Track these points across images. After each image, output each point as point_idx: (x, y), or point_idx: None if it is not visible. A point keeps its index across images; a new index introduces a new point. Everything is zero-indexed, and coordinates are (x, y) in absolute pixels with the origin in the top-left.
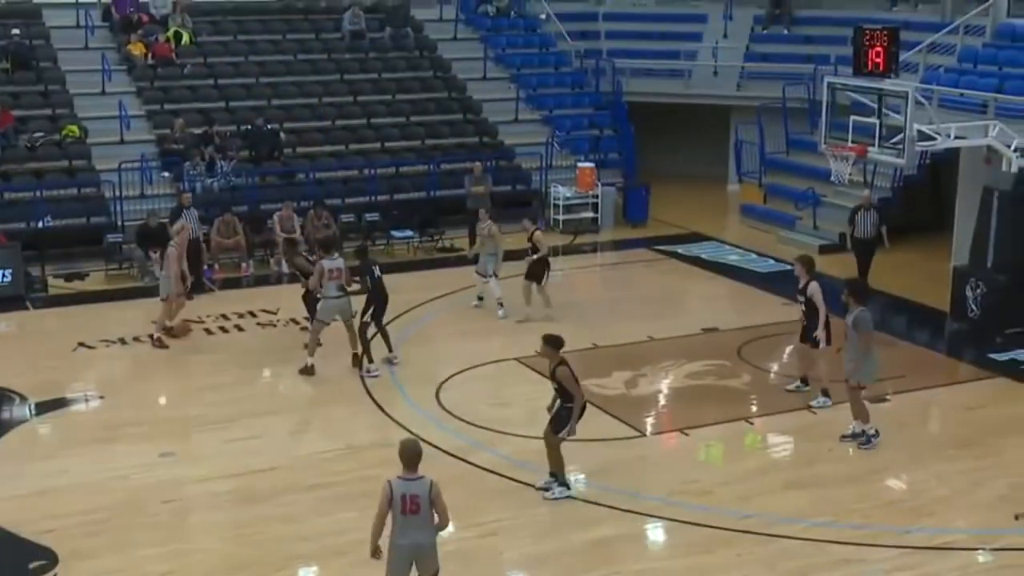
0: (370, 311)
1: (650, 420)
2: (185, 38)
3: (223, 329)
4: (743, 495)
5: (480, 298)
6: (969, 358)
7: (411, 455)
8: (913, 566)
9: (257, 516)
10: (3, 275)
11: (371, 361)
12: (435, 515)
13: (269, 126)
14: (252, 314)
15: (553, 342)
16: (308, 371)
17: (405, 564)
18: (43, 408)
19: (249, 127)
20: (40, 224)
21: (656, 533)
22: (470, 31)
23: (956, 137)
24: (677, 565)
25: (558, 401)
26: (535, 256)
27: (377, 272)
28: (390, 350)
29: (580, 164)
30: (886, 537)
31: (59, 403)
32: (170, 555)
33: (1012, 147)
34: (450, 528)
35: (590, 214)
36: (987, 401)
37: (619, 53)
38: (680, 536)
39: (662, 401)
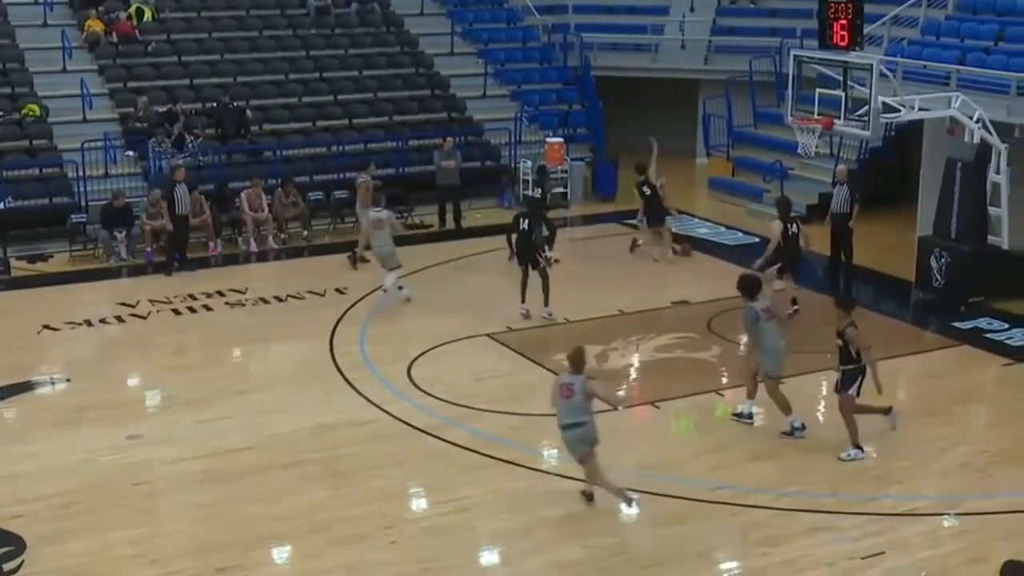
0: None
1: (621, 393)
2: (147, 15)
3: (191, 309)
4: (714, 466)
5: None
6: (934, 327)
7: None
8: (881, 532)
9: (228, 496)
10: None
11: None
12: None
13: (235, 103)
14: (220, 294)
15: (845, 304)
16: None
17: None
18: (8, 392)
19: (214, 105)
20: (1, 205)
21: (628, 506)
22: (437, 6)
23: (920, 109)
24: (649, 537)
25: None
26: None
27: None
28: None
29: (549, 139)
30: (854, 505)
31: (25, 386)
32: (140, 537)
33: (974, 118)
34: (423, 504)
35: (559, 189)
36: (951, 369)
37: (587, 27)
38: (652, 508)
39: (633, 374)
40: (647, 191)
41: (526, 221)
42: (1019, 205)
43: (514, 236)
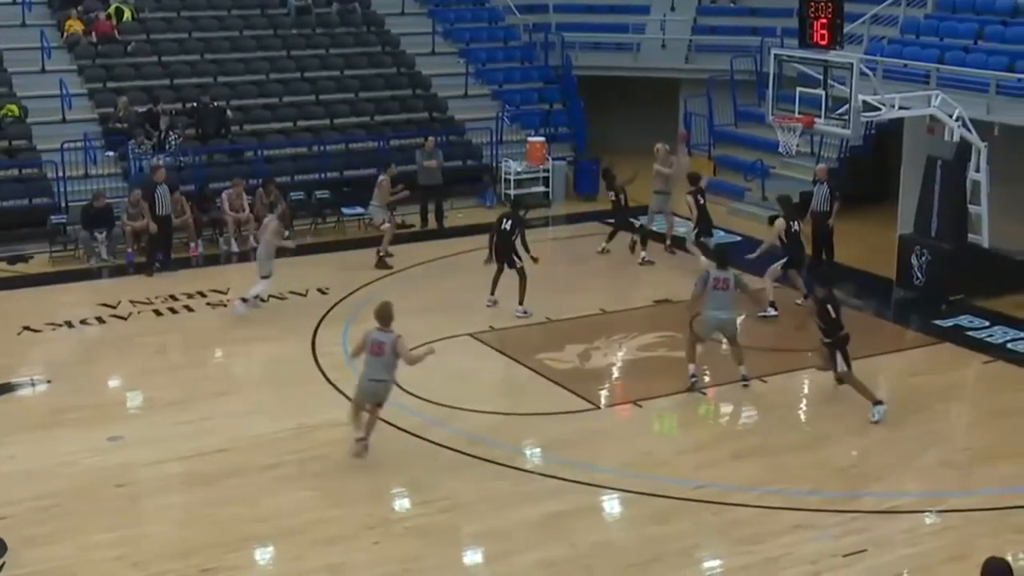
0: None
1: (604, 393)
2: (127, 15)
3: (172, 310)
4: (697, 465)
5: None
6: (915, 325)
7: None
8: (863, 530)
9: (210, 498)
10: None
11: None
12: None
13: (215, 103)
14: (202, 294)
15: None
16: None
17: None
18: None
19: (195, 105)
20: None
21: (612, 505)
22: (418, 5)
23: (900, 107)
24: (633, 536)
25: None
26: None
27: None
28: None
29: (530, 138)
30: (836, 503)
31: (4, 388)
32: (122, 540)
33: (954, 116)
34: (407, 504)
35: (541, 188)
36: (932, 367)
37: (568, 27)
38: (635, 507)
39: (615, 373)
40: (701, 201)
41: (508, 222)
42: (999, 203)
43: (495, 236)
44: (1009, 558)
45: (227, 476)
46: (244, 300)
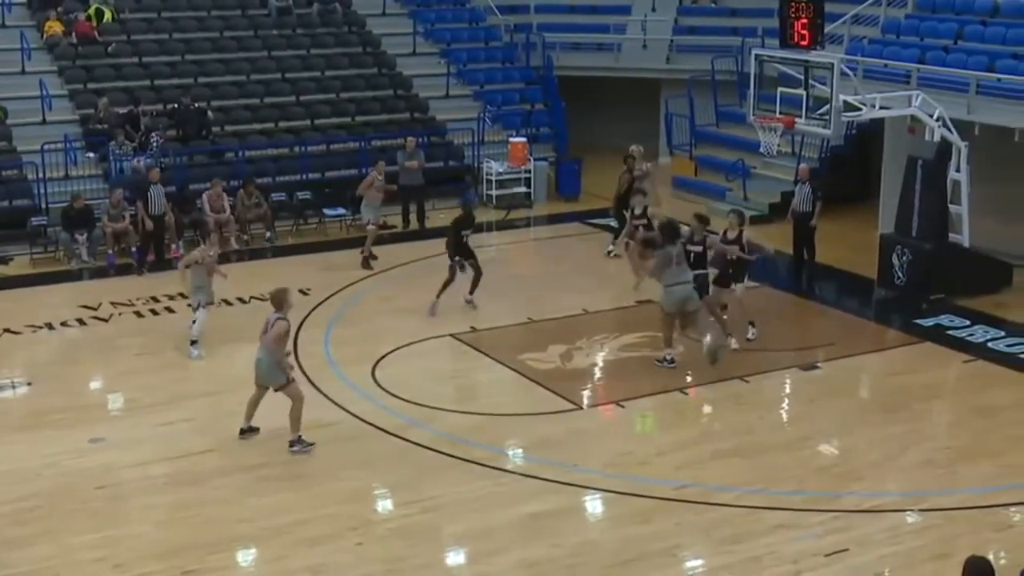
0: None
1: (586, 393)
2: (107, 15)
3: (153, 312)
4: (679, 465)
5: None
6: (896, 324)
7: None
8: (845, 529)
9: (193, 499)
10: None
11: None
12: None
13: (196, 104)
14: (183, 296)
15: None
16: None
17: None
18: None
19: (176, 106)
20: None
21: (594, 505)
22: (399, 6)
23: (881, 107)
24: (615, 536)
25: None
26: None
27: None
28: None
29: (512, 139)
30: (818, 502)
31: None
32: (104, 541)
33: (934, 116)
34: (389, 505)
35: (523, 189)
36: (913, 366)
37: (549, 27)
38: (618, 507)
39: (598, 374)
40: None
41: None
42: (979, 203)
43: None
44: (990, 556)
45: (209, 477)
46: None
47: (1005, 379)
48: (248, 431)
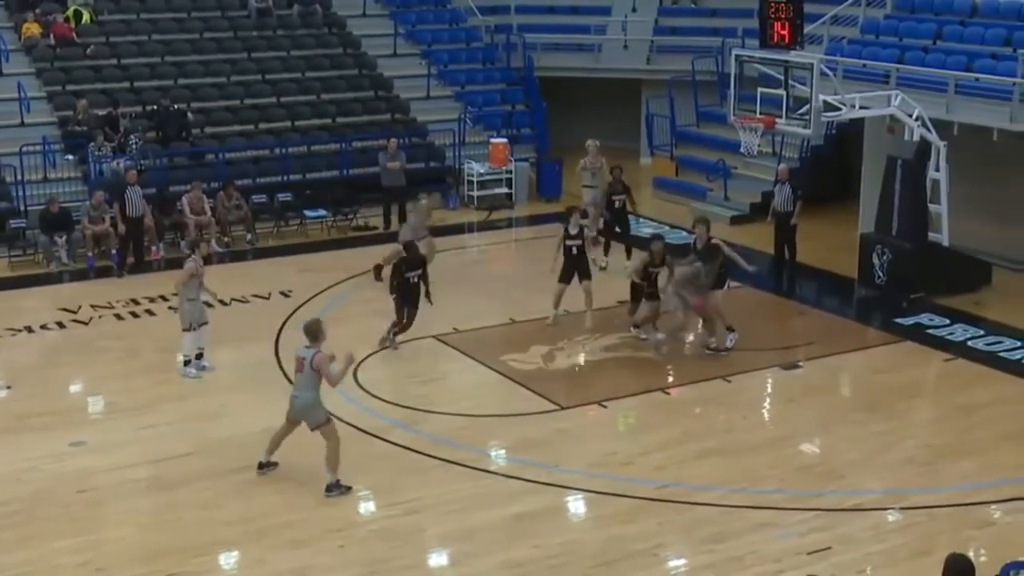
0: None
1: (568, 393)
2: (85, 17)
3: (133, 314)
4: (661, 464)
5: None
6: (877, 323)
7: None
8: (827, 527)
9: (174, 502)
10: None
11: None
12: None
13: (176, 106)
14: (163, 298)
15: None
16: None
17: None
18: None
19: (155, 107)
20: None
21: (577, 505)
22: (379, 7)
23: (860, 107)
24: (598, 536)
25: None
26: None
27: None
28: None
29: (493, 140)
30: (800, 500)
31: None
32: (85, 545)
33: (914, 116)
34: (372, 507)
35: (504, 190)
36: (894, 365)
37: (529, 28)
38: (600, 507)
39: (579, 374)
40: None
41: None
42: (959, 202)
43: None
44: (971, 554)
45: (191, 480)
46: (187, 362)
47: (985, 377)
48: (267, 465)
